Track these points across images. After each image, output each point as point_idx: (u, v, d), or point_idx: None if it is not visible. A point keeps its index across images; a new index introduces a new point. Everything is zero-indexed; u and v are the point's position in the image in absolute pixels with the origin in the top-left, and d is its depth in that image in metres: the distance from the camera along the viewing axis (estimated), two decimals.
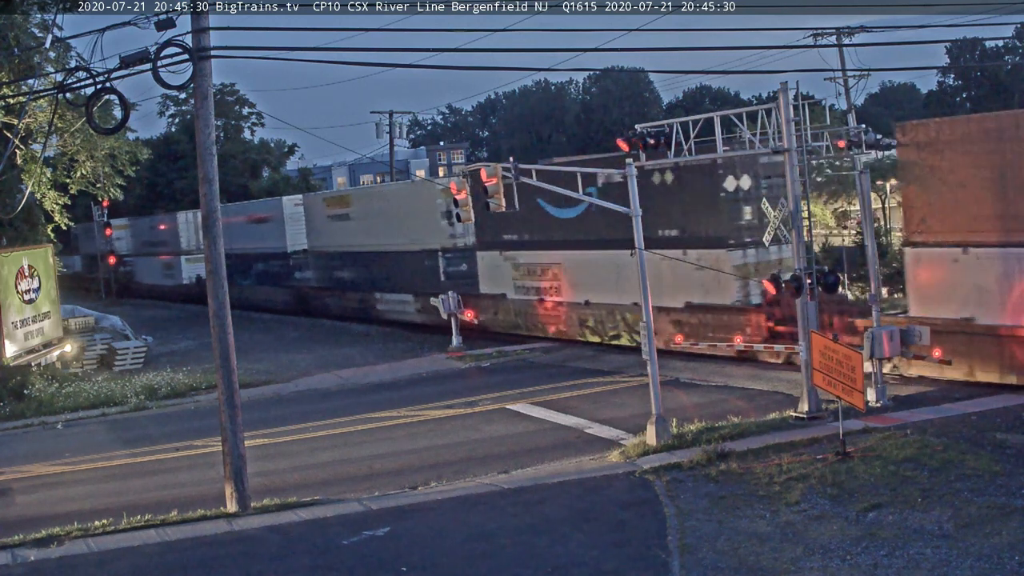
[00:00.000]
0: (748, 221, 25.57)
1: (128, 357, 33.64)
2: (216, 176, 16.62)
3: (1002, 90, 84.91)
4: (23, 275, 30.88)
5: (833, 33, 46.83)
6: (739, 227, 25.69)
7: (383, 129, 62.97)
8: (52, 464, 20.98)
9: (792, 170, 19.37)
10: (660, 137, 20.25)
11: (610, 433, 19.78)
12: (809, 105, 20.11)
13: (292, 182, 76.18)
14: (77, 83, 17.04)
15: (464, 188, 22.12)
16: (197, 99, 16.41)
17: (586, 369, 27.00)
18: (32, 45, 29.44)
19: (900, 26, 40.24)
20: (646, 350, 18.60)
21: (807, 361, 18.59)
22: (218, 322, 16.57)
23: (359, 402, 25.35)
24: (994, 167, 19.92)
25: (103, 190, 37.04)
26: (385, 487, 17.30)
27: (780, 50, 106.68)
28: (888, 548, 12.39)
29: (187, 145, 67.73)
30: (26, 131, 31.00)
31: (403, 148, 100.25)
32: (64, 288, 38.87)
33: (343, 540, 14.57)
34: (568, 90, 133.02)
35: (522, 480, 17.02)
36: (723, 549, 12.91)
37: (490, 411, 22.81)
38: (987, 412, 18.32)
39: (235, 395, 16.60)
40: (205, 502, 16.75)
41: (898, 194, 29.73)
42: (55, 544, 15.04)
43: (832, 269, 20.24)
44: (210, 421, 20.59)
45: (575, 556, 13.16)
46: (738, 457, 16.75)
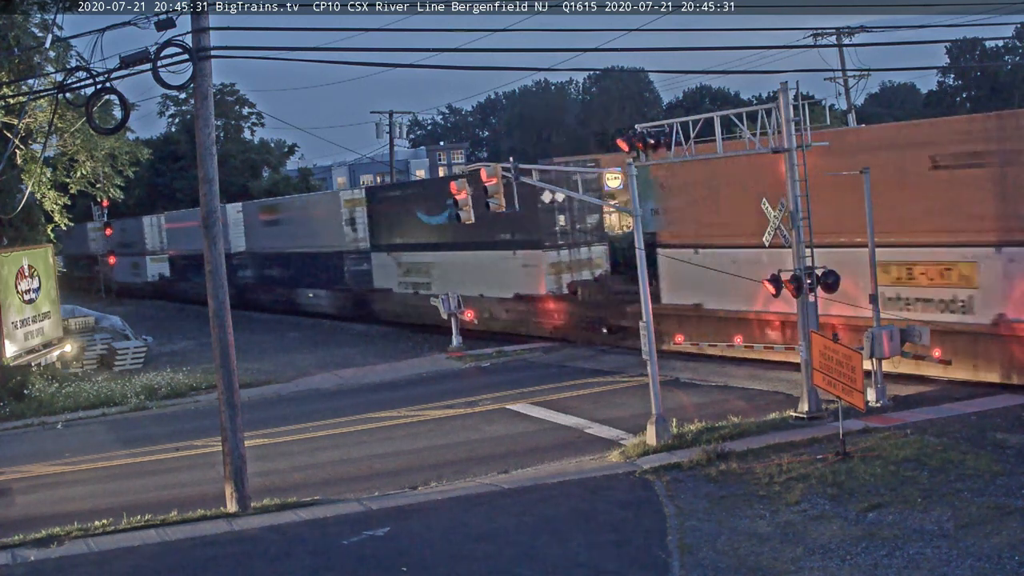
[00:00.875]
0: (561, 228, 31.36)
1: (128, 357, 33.65)
2: (216, 176, 16.62)
3: (1002, 90, 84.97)
4: (23, 275, 30.89)
5: (833, 33, 46.87)
6: (553, 232, 31.39)
7: (383, 129, 63.01)
8: (52, 464, 20.99)
9: (792, 170, 19.35)
10: (660, 137, 20.23)
11: (610, 433, 19.78)
12: (809, 105, 20.10)
13: (292, 182, 76.21)
14: (77, 83, 17.04)
15: (464, 188, 22.13)
16: (197, 99, 16.41)
17: (586, 369, 27.00)
18: (32, 45, 29.44)
19: (900, 26, 40.32)
20: (646, 350, 18.59)
21: (807, 361, 18.59)
22: (218, 322, 16.57)
23: (359, 402, 25.35)
24: (713, 189, 25.37)
25: (103, 190, 37.03)
26: (385, 487, 17.31)
27: (780, 50, 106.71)
28: (888, 548, 12.39)
29: (187, 145, 67.81)
30: (26, 131, 31.00)
31: (403, 148, 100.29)
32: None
33: (343, 540, 14.57)
34: (568, 90, 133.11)
35: (522, 480, 17.03)
36: (723, 549, 12.91)
37: (490, 411, 22.81)
38: (987, 412, 18.31)
39: (235, 395, 16.60)
40: (205, 502, 16.75)
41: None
42: (55, 544, 15.04)
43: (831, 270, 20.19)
44: (210, 421, 20.59)
45: (575, 556, 13.16)
46: (738, 457, 16.75)
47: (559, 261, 31.41)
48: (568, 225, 31.35)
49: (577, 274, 31.79)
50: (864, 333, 19.86)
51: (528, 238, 31.52)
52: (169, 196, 73.35)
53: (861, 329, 20.50)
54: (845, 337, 19.69)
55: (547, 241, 31.28)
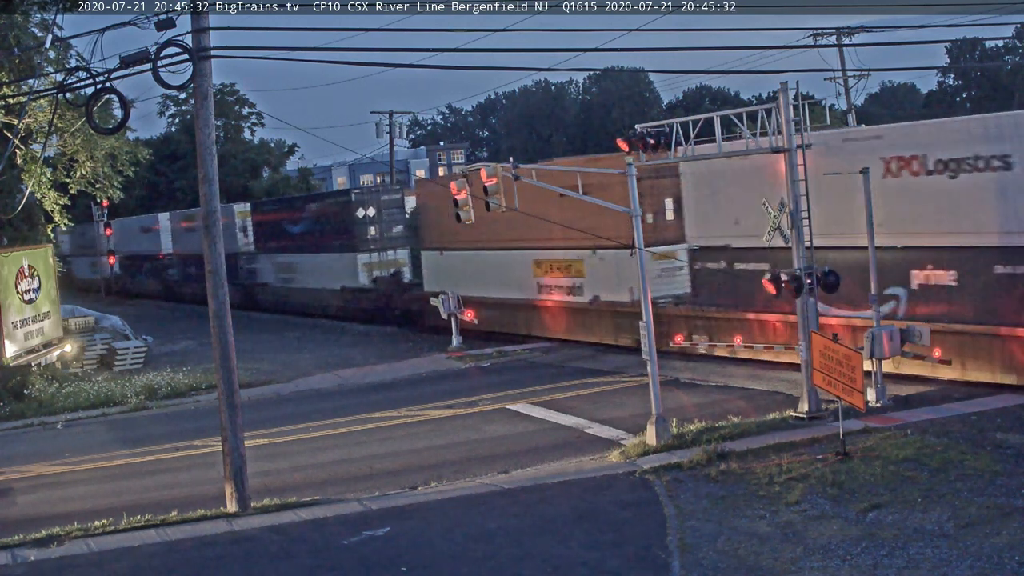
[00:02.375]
0: (372, 236, 40.95)
1: (128, 357, 33.64)
2: (216, 176, 16.62)
3: (1002, 90, 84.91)
4: (23, 275, 30.88)
5: (833, 33, 46.85)
6: (367, 239, 40.91)
7: (383, 129, 63.01)
8: (52, 464, 20.99)
9: (793, 170, 19.35)
10: (660, 137, 20.24)
11: (610, 433, 19.78)
12: (809, 105, 20.08)
13: (292, 182, 76.15)
14: (77, 83, 17.03)
15: (464, 188, 22.09)
16: (197, 99, 16.40)
17: (586, 369, 27.00)
18: (32, 45, 29.43)
19: (900, 26, 40.28)
20: (646, 350, 18.59)
21: (807, 361, 18.59)
22: (218, 322, 16.56)
23: (359, 402, 25.35)
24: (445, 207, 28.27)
25: (103, 190, 37.00)
26: (385, 487, 17.31)
27: (780, 50, 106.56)
28: (888, 548, 12.40)
29: (187, 145, 67.78)
30: (26, 131, 31.00)
31: (403, 148, 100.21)
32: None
33: (343, 540, 14.57)
34: (568, 90, 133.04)
35: (522, 480, 17.03)
36: (723, 549, 12.91)
37: (490, 411, 22.81)
38: (987, 412, 18.31)
39: (235, 395, 16.59)
40: (205, 502, 16.75)
41: None
42: (55, 544, 15.04)
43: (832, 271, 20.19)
44: (210, 421, 20.58)
45: (575, 556, 13.16)
46: (738, 457, 16.75)
47: (370, 261, 41.15)
48: (378, 234, 41.13)
49: (384, 271, 41.12)
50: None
51: (349, 244, 41.35)
52: (169, 196, 73.31)
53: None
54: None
55: (362, 246, 40.98)
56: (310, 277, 44.72)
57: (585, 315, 30.17)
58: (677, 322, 26.67)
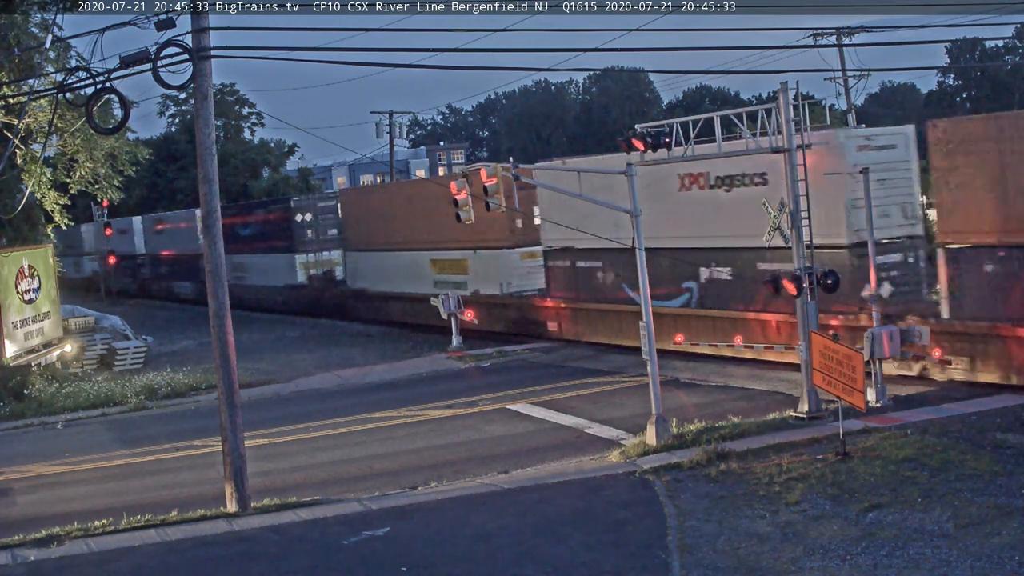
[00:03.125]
0: (309, 238, 45.67)
1: (128, 357, 33.64)
2: (216, 176, 16.62)
3: (1002, 90, 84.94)
4: (23, 275, 30.87)
5: (833, 33, 46.84)
6: (304, 242, 45.76)
7: (383, 129, 63.04)
8: (52, 464, 20.99)
9: (793, 170, 19.36)
10: (660, 137, 20.24)
11: (610, 433, 19.78)
12: (809, 105, 20.08)
13: (292, 182, 76.17)
14: (77, 83, 17.04)
15: (464, 188, 22.06)
16: (197, 99, 16.40)
17: (586, 369, 27.00)
18: (32, 45, 29.43)
19: (900, 26, 40.26)
20: (646, 350, 18.59)
21: (807, 361, 18.58)
22: (218, 322, 16.56)
23: (359, 402, 25.35)
24: (364, 214, 38.13)
25: (103, 190, 37.00)
26: (385, 487, 17.31)
27: (780, 50, 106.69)
28: (888, 548, 12.40)
29: (187, 145, 67.89)
30: (26, 131, 30.97)
31: (403, 148, 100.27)
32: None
33: (343, 540, 14.57)
34: (568, 90, 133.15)
35: (522, 480, 17.03)
36: (723, 549, 12.91)
37: (490, 411, 22.81)
38: (987, 412, 18.31)
39: (235, 395, 16.59)
40: (205, 502, 16.75)
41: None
42: (55, 544, 15.04)
43: (831, 271, 20.19)
44: (210, 421, 20.58)
45: (575, 556, 13.16)
46: (738, 457, 16.75)
47: (307, 261, 45.90)
48: (314, 237, 45.64)
49: (318, 270, 45.64)
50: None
51: (289, 246, 46.07)
52: (169, 196, 73.34)
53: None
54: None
55: (299, 248, 45.74)
56: (259, 275, 49.59)
57: (469, 305, 33.58)
58: (546, 311, 31.74)
